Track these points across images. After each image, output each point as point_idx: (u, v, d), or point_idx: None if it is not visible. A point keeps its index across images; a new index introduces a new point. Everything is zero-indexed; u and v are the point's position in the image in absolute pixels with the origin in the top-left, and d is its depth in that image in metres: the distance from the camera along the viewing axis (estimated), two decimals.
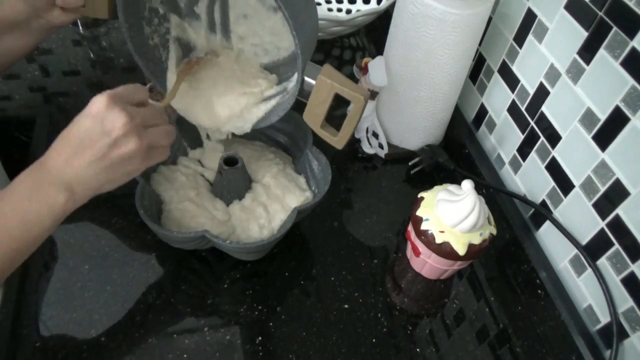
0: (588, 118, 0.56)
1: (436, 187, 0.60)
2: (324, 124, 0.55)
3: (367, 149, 0.77)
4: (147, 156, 0.47)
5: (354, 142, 0.78)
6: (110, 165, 0.45)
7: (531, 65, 0.65)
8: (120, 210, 0.63)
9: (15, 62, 0.63)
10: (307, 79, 0.53)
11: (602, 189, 0.55)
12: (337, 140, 0.55)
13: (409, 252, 0.63)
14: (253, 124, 0.60)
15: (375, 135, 0.76)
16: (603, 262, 0.56)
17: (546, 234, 0.65)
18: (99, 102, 0.44)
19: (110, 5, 0.58)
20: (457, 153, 0.78)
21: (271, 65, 0.63)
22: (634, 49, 0.49)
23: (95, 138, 0.44)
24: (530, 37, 0.65)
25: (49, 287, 0.56)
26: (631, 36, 0.49)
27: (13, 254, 0.43)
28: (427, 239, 0.57)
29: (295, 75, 0.57)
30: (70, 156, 0.44)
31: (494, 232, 0.58)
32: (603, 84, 0.54)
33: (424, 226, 0.57)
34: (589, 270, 0.57)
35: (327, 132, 0.55)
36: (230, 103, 0.60)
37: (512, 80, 0.70)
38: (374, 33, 1.00)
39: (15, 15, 0.58)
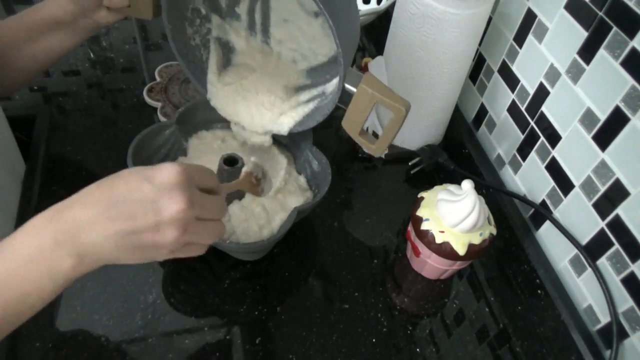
0: (588, 118, 0.56)
1: (436, 187, 0.60)
2: (362, 132, 0.56)
3: None
4: (178, 251, 0.40)
5: (355, 142, 0.78)
6: (137, 246, 0.37)
7: (531, 65, 0.65)
8: None
9: (56, 61, 0.63)
10: (347, 86, 0.53)
11: (602, 189, 0.55)
12: (375, 148, 0.55)
13: (409, 252, 0.63)
14: (290, 127, 0.61)
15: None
16: (603, 262, 0.56)
17: (546, 234, 0.65)
18: (170, 173, 0.37)
19: (154, 6, 0.58)
20: (457, 153, 0.78)
21: (309, 69, 0.63)
22: (634, 49, 0.49)
23: (141, 210, 0.36)
24: (530, 37, 0.65)
25: None
26: (631, 36, 0.49)
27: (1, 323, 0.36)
28: (427, 239, 0.57)
29: (334, 80, 0.57)
30: (98, 216, 0.36)
31: (494, 232, 0.58)
32: (603, 84, 0.54)
33: (424, 226, 0.57)
34: (589, 270, 0.57)
35: (365, 140, 0.56)
36: (269, 106, 0.61)
37: (512, 80, 0.70)
38: (374, 33, 1.00)
39: (63, 15, 0.59)
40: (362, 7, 1.00)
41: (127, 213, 0.36)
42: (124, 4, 0.58)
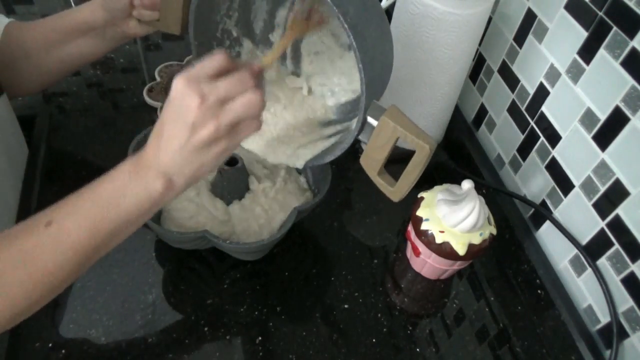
0: (588, 118, 0.56)
1: (436, 187, 0.60)
2: (381, 171, 0.51)
3: None
4: (233, 133, 0.44)
5: (355, 143, 0.78)
6: (196, 150, 0.42)
7: (531, 65, 0.65)
8: None
9: (82, 65, 0.65)
10: (370, 119, 0.49)
11: (602, 189, 0.55)
12: (394, 192, 0.50)
13: (409, 252, 0.63)
14: (306, 161, 0.58)
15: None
16: (603, 262, 0.55)
17: (546, 234, 0.65)
18: (175, 86, 0.42)
19: (184, 23, 0.58)
20: (457, 153, 0.78)
21: (336, 106, 0.62)
22: (634, 49, 0.49)
23: (176, 125, 0.42)
24: (530, 37, 0.65)
25: None
26: (631, 36, 0.49)
27: (108, 237, 0.42)
28: (427, 239, 0.57)
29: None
30: (160, 144, 0.43)
31: (494, 232, 0.58)
32: (603, 84, 0.54)
33: (424, 226, 0.57)
34: (589, 270, 0.57)
35: (384, 181, 0.51)
36: (286, 140, 0.59)
37: (512, 80, 0.70)
38: None
39: (93, 21, 0.60)
40: None
41: (172, 132, 0.42)
42: (154, 18, 0.59)
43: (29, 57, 0.61)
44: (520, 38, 0.67)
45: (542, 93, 0.64)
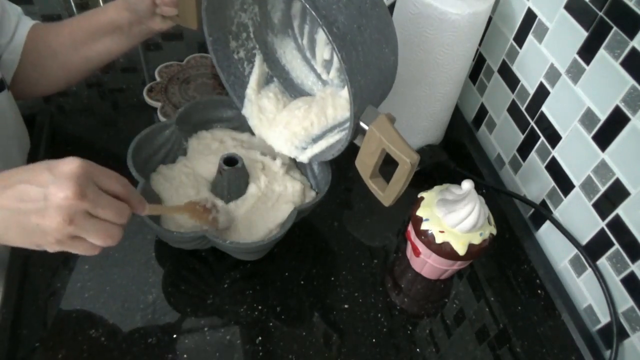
0: (588, 118, 0.56)
1: (436, 187, 0.60)
2: (374, 175, 0.52)
3: None
4: (65, 242, 0.39)
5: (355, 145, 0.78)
6: (23, 227, 0.38)
7: (531, 65, 0.65)
8: None
9: (108, 62, 0.67)
10: (362, 124, 0.49)
11: (602, 189, 0.55)
12: (384, 197, 0.51)
13: (409, 252, 0.63)
14: (309, 157, 0.59)
15: None
16: (603, 262, 0.56)
17: (546, 234, 0.65)
18: (70, 165, 0.38)
19: (199, 18, 0.59)
20: (457, 153, 0.78)
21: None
22: (634, 49, 0.49)
23: (32, 194, 0.38)
24: (530, 37, 0.65)
25: (49, 287, 0.56)
26: (631, 36, 0.49)
27: None
28: (427, 239, 0.57)
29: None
30: None
31: (494, 232, 0.58)
32: (603, 84, 0.54)
33: (424, 226, 0.57)
34: (589, 270, 0.57)
35: (376, 186, 0.51)
36: (291, 138, 0.60)
37: (512, 80, 0.70)
38: None
39: (119, 20, 0.62)
40: None
41: (19, 194, 0.38)
42: (173, 13, 0.61)
43: (56, 55, 0.63)
44: (520, 38, 0.67)
45: (542, 93, 0.64)
